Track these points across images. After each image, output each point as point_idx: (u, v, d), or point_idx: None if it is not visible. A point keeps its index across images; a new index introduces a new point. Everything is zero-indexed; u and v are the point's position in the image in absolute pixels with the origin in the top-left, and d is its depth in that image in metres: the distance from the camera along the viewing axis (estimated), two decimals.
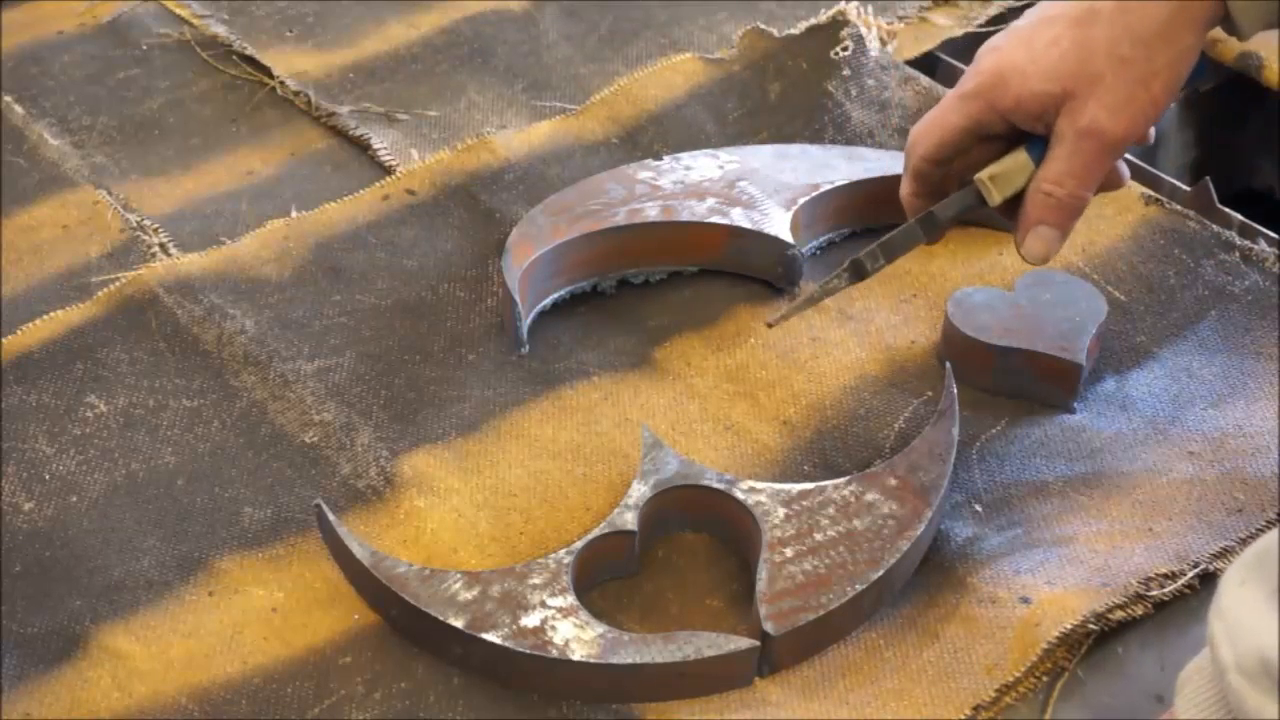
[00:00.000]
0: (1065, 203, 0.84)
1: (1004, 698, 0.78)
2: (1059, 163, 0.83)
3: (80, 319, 1.00)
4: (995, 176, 0.86)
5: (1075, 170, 0.83)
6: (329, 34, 1.29)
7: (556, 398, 0.95)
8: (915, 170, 0.89)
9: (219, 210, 1.11)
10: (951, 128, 0.86)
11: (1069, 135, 0.82)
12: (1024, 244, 0.85)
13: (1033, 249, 0.85)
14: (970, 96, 0.85)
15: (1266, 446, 0.90)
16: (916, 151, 0.88)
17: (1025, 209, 0.85)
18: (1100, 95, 0.81)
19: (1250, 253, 1.03)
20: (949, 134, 0.87)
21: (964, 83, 0.86)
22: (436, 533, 0.87)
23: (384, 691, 0.79)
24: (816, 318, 1.00)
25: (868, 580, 0.80)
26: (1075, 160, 0.82)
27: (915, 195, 0.90)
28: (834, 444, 0.92)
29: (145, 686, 0.80)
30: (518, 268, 0.98)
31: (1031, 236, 0.85)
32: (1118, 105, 0.81)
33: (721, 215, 1.02)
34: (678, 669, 0.78)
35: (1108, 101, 0.81)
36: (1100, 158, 0.82)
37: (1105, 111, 0.81)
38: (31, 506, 0.89)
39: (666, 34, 1.28)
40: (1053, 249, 0.85)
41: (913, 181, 0.90)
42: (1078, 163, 0.82)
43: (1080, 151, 0.82)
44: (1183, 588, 0.82)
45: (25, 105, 1.22)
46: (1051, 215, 0.84)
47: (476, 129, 1.17)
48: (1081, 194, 0.84)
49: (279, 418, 0.94)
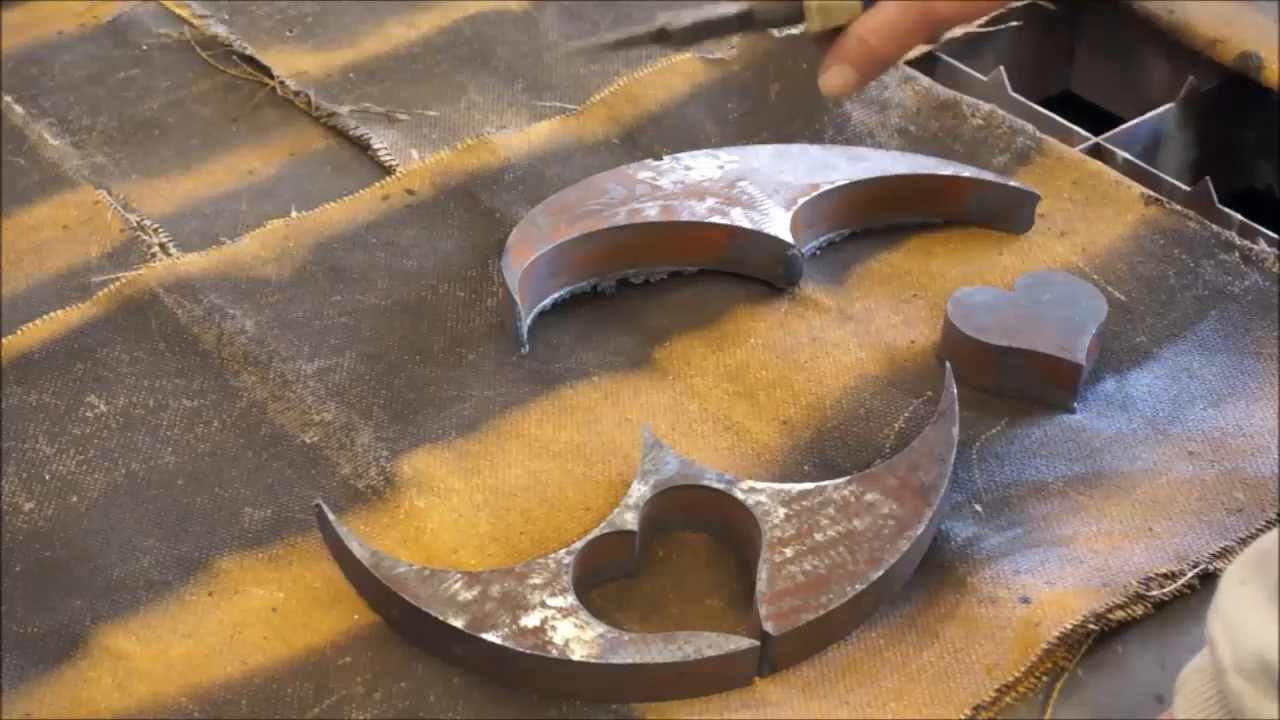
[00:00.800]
0: (874, 53, 0.87)
1: (1004, 698, 0.78)
2: (882, 16, 0.86)
3: (80, 319, 1.00)
4: (824, 8, 0.88)
5: (894, 28, 0.86)
6: (329, 34, 1.29)
7: (556, 398, 0.95)
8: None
9: (219, 210, 1.11)
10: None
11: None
12: (825, 74, 0.88)
13: (831, 82, 0.88)
14: None
15: (1266, 446, 0.90)
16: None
17: (839, 43, 0.88)
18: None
19: (1250, 253, 1.03)
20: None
21: None
22: (436, 533, 0.87)
23: (384, 691, 0.79)
24: (816, 318, 1.00)
25: (868, 580, 0.81)
26: (898, 19, 0.86)
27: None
28: (834, 444, 0.92)
29: (145, 686, 0.80)
30: (518, 268, 0.98)
31: (835, 70, 0.88)
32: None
33: (721, 215, 1.02)
34: (678, 669, 0.78)
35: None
36: (920, 26, 0.86)
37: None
38: (31, 506, 0.89)
39: None
40: (847, 90, 0.88)
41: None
42: (899, 21, 0.86)
43: (905, 13, 0.85)
44: (1183, 588, 0.82)
45: (25, 105, 1.22)
46: (859, 60, 0.87)
47: (476, 129, 1.17)
48: (891, 50, 0.87)
49: (279, 418, 0.94)
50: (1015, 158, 1.11)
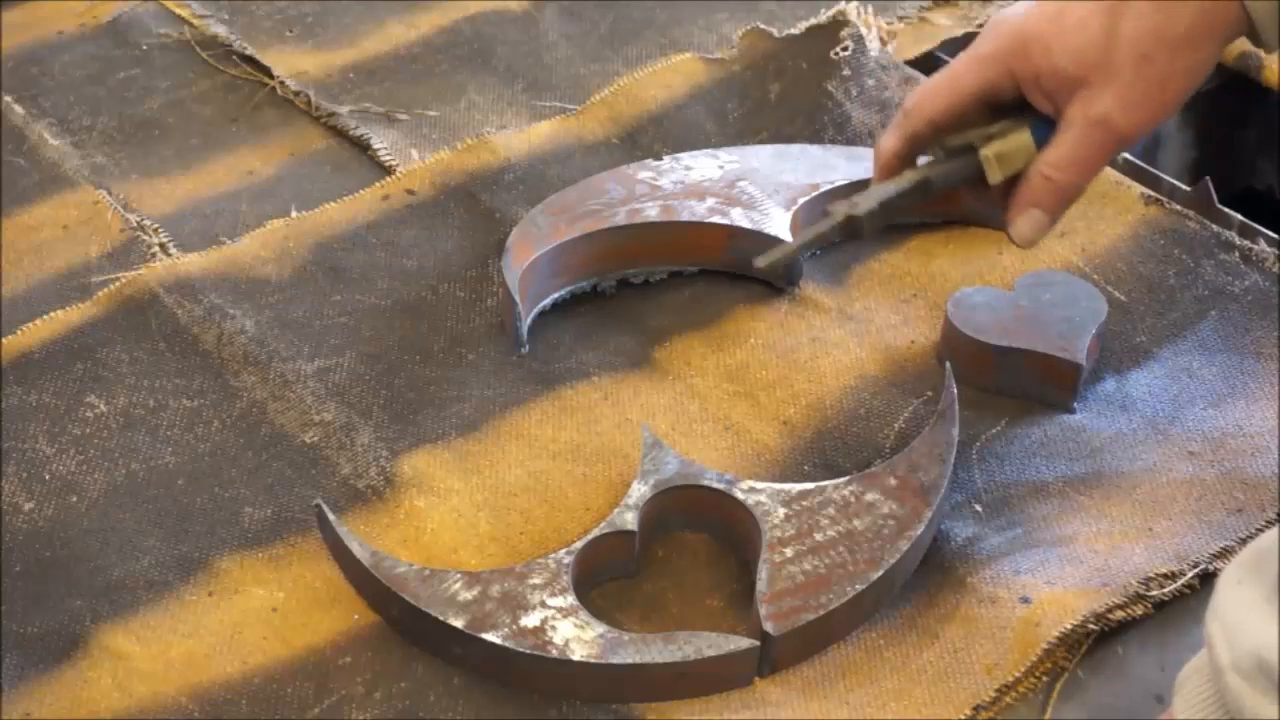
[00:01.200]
0: (1063, 189, 0.83)
1: (1004, 698, 0.78)
2: (1064, 148, 0.82)
3: (80, 319, 1.00)
4: (1001, 155, 0.84)
5: (1079, 158, 0.82)
6: (329, 34, 1.29)
7: (556, 398, 0.95)
8: (913, 132, 0.86)
9: (219, 210, 1.11)
10: (964, 91, 0.84)
11: (1079, 122, 0.81)
12: (1015, 224, 0.85)
13: (1023, 230, 0.85)
14: (988, 59, 0.84)
15: (1266, 446, 0.90)
16: (923, 113, 0.86)
17: (1022, 189, 0.84)
18: (1118, 89, 0.80)
19: (1250, 253, 1.03)
20: (960, 97, 0.85)
21: (979, 45, 0.84)
22: (436, 533, 0.87)
23: (384, 691, 0.79)
24: (816, 318, 1.00)
25: (868, 580, 0.80)
26: (1081, 148, 0.82)
27: (898, 156, 0.87)
28: (834, 444, 0.92)
29: (145, 686, 0.80)
30: (518, 268, 0.98)
31: (1024, 218, 0.84)
32: (1133, 102, 0.80)
33: (721, 215, 1.02)
34: (678, 669, 0.78)
35: (1124, 96, 0.80)
36: (1104, 150, 0.82)
37: (1119, 105, 0.80)
38: (31, 506, 0.89)
39: (666, 34, 1.28)
40: (1040, 233, 0.85)
41: (904, 142, 0.87)
42: (1083, 151, 0.82)
43: (1088, 141, 0.81)
44: (1183, 588, 0.82)
45: (25, 105, 1.22)
46: (1047, 199, 0.83)
47: (476, 129, 1.17)
48: (1079, 183, 0.83)
49: (279, 418, 0.94)
50: None
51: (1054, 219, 0.85)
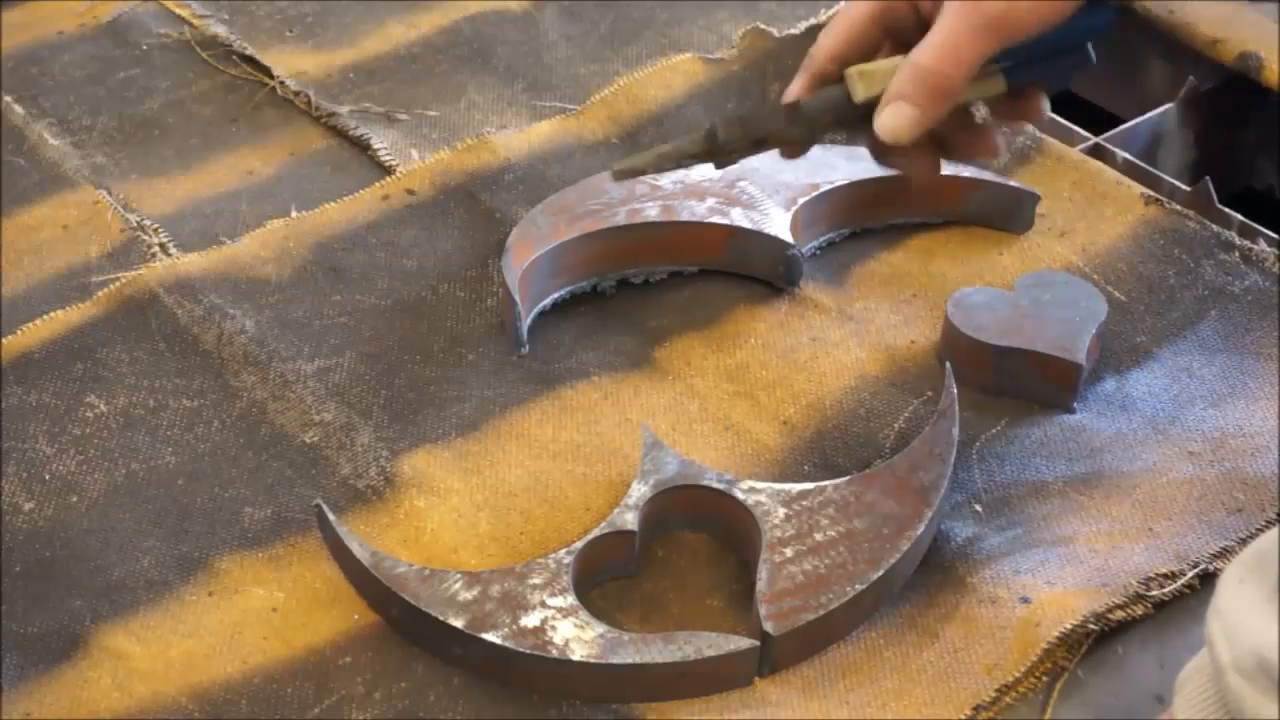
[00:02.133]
0: (930, 78, 0.78)
1: (1004, 698, 0.78)
2: (935, 35, 0.78)
3: (80, 319, 1.00)
4: (864, 72, 0.81)
5: (948, 43, 0.78)
6: (329, 34, 1.29)
7: (556, 398, 0.95)
8: (816, 71, 0.83)
9: (219, 210, 1.11)
10: (860, 16, 0.82)
11: (950, 8, 0.78)
12: (880, 116, 0.80)
13: (886, 122, 0.80)
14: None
15: (1266, 446, 0.90)
16: (820, 49, 0.83)
17: (891, 82, 0.80)
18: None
19: (1250, 253, 1.03)
20: (857, 24, 0.82)
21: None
22: (436, 533, 0.87)
23: (384, 691, 0.79)
24: (816, 318, 1.00)
25: (868, 580, 0.80)
26: (950, 34, 0.78)
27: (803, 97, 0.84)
28: (834, 444, 0.92)
29: (145, 686, 0.80)
30: (518, 268, 0.98)
31: (890, 110, 0.79)
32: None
33: (721, 215, 1.02)
34: (678, 669, 0.78)
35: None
36: (975, 35, 0.78)
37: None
38: (31, 506, 0.89)
39: (666, 34, 1.28)
40: (908, 129, 0.79)
41: (808, 83, 0.83)
42: (951, 36, 0.78)
43: (956, 26, 0.78)
44: (1183, 588, 0.82)
45: (25, 105, 1.22)
46: (914, 90, 0.79)
47: (476, 129, 1.17)
48: (950, 71, 0.78)
49: (279, 418, 0.94)
50: (1015, 158, 1.11)
51: (925, 116, 0.79)
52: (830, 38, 0.84)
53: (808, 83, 0.84)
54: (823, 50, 0.83)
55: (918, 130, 0.80)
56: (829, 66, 0.83)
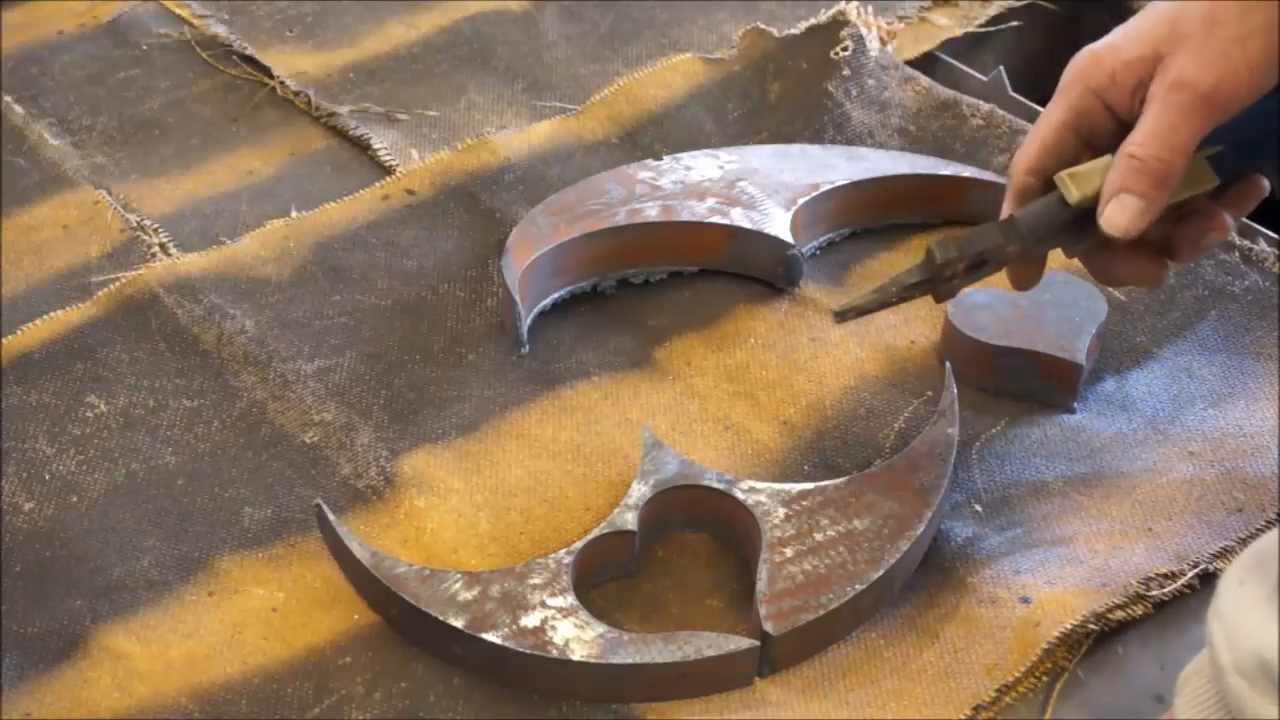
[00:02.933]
0: (1149, 165, 0.77)
1: (1004, 698, 0.78)
2: (1145, 123, 0.77)
3: (80, 319, 1.00)
4: (1075, 174, 0.80)
5: (1161, 128, 0.76)
6: (329, 34, 1.29)
7: (556, 398, 0.95)
8: (1017, 187, 0.82)
9: (219, 210, 1.11)
10: (1050, 126, 0.81)
11: (1157, 94, 0.77)
12: (1104, 213, 0.79)
13: (1113, 218, 0.78)
14: (1066, 87, 0.81)
15: (1266, 446, 0.90)
16: (1019, 165, 0.82)
17: (1108, 177, 0.79)
18: (1189, 50, 0.75)
19: (1250, 253, 1.03)
20: (1049, 133, 0.81)
21: (1061, 81, 0.81)
22: (436, 533, 0.87)
23: (384, 691, 0.79)
24: (816, 318, 1.00)
25: (868, 580, 0.81)
26: (1162, 118, 0.76)
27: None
28: (834, 444, 0.92)
29: (145, 686, 0.80)
30: (518, 268, 0.98)
31: (1113, 205, 0.78)
32: (1208, 60, 0.75)
33: (721, 215, 1.02)
34: (678, 669, 0.78)
35: (1197, 56, 0.75)
36: (1187, 115, 0.75)
37: (1194, 64, 0.75)
38: (31, 506, 0.89)
39: (666, 34, 1.28)
40: (1135, 221, 0.78)
41: (1013, 201, 0.83)
42: (1164, 121, 0.76)
43: (1167, 107, 0.76)
44: (1183, 588, 0.82)
45: (25, 105, 1.22)
46: (1134, 180, 0.77)
47: (476, 129, 1.17)
48: (1167, 156, 0.76)
49: (279, 418, 0.94)
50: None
51: (1149, 204, 0.77)
52: (1026, 150, 0.82)
53: (1012, 200, 0.83)
54: (1020, 166, 0.82)
55: (1145, 221, 0.78)
56: (1028, 180, 0.82)
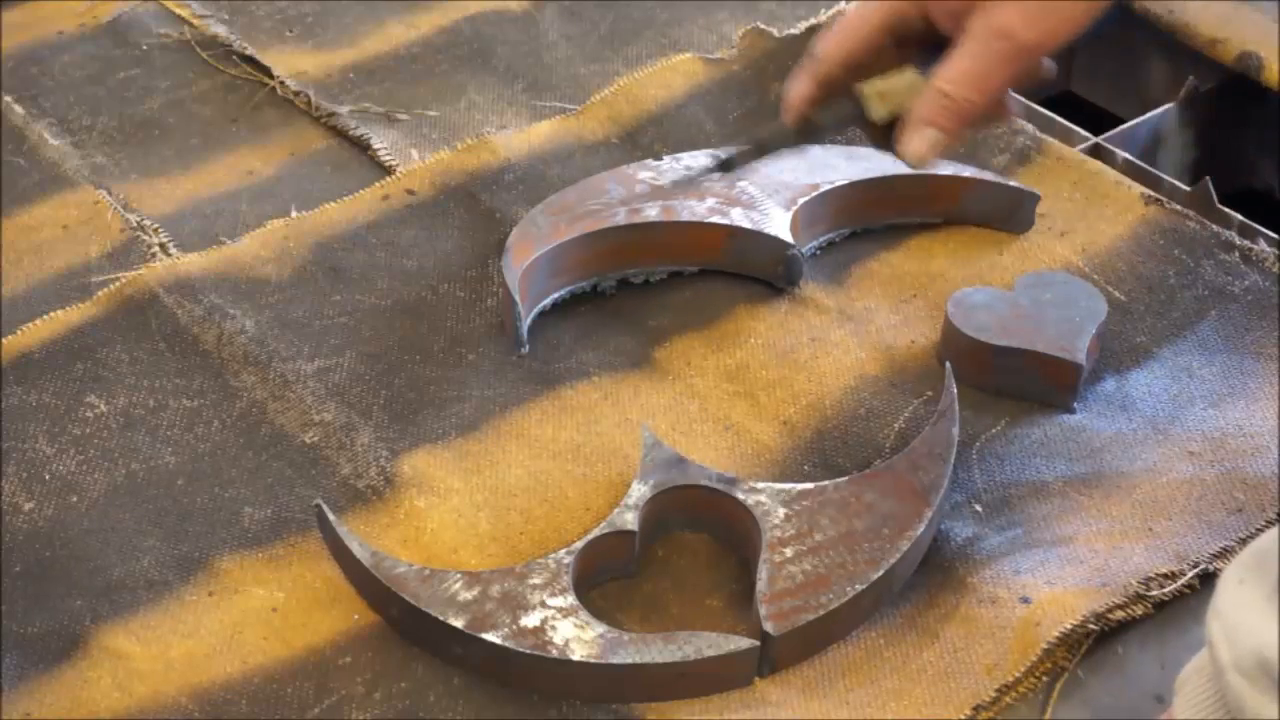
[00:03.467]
0: (958, 105, 0.79)
1: (1004, 698, 0.78)
2: (962, 60, 0.78)
3: (80, 319, 1.00)
4: (883, 92, 0.81)
5: (976, 70, 0.78)
6: (329, 34, 1.29)
7: (556, 398, 0.95)
8: (822, 75, 0.83)
9: (219, 210, 1.11)
10: (869, 26, 0.82)
11: (979, 33, 0.78)
12: (906, 141, 0.80)
13: (914, 147, 0.80)
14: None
15: (1266, 446, 0.90)
16: (828, 55, 0.83)
17: (916, 107, 0.80)
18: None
19: (1250, 253, 1.03)
20: (866, 33, 0.82)
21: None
22: (436, 533, 0.87)
23: (384, 691, 0.79)
24: (816, 318, 1.00)
25: (868, 580, 0.81)
26: (979, 61, 0.78)
27: (806, 101, 0.84)
28: (834, 444, 0.92)
29: (145, 686, 0.80)
30: (518, 268, 0.98)
31: (916, 135, 0.80)
32: (1034, 12, 0.76)
33: (721, 215, 1.02)
34: (678, 669, 0.78)
35: (1024, 7, 0.76)
36: (1005, 63, 0.78)
37: (1020, 16, 0.77)
38: (31, 506, 0.89)
39: (666, 34, 1.28)
40: (933, 153, 0.80)
41: (814, 87, 0.83)
42: (981, 63, 0.78)
43: (987, 52, 0.77)
44: (1183, 588, 0.82)
45: (25, 105, 1.22)
46: (941, 116, 0.79)
47: (476, 129, 1.17)
48: (977, 98, 0.79)
49: (279, 418, 0.94)
50: (1015, 158, 1.11)
51: (950, 138, 0.80)
52: (836, 41, 0.83)
53: (813, 86, 0.84)
54: (831, 56, 0.83)
55: (939, 151, 0.80)
56: (835, 71, 0.83)
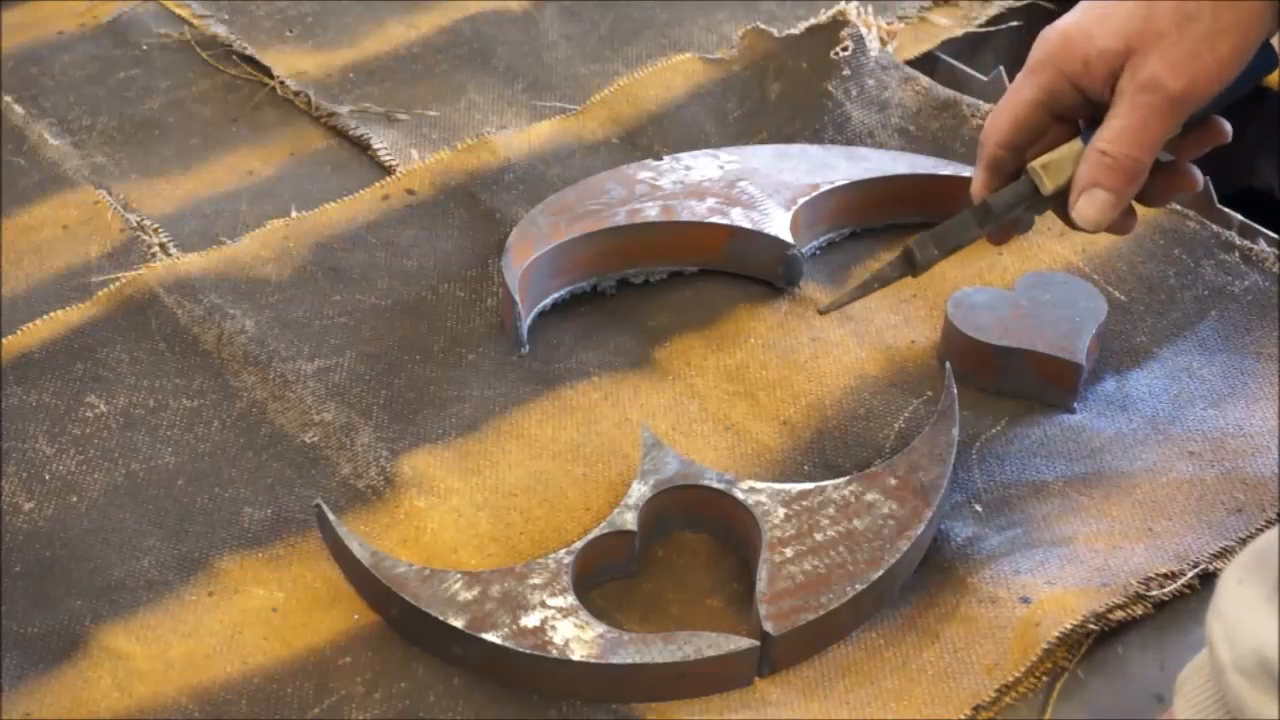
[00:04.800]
0: (1120, 162, 0.80)
1: (1004, 698, 0.78)
2: (1116, 120, 0.79)
3: (80, 319, 1.00)
4: (1048, 164, 0.83)
5: (1132, 127, 0.79)
6: (329, 34, 1.29)
7: (556, 398, 0.95)
8: (989, 159, 0.85)
9: (219, 210, 1.11)
10: (1023, 103, 0.83)
11: (1128, 91, 0.79)
12: (1075, 205, 0.82)
13: (1084, 211, 0.81)
14: (1038, 67, 0.83)
15: (1266, 446, 0.90)
16: (990, 138, 0.85)
17: (1079, 170, 0.81)
18: (1162, 50, 0.77)
19: (1250, 253, 1.03)
20: (1021, 110, 0.83)
21: (1030, 57, 0.83)
22: (436, 533, 0.87)
23: (384, 691, 0.79)
24: (816, 318, 1.00)
25: (868, 580, 0.80)
26: (1133, 117, 0.79)
27: (986, 188, 0.87)
28: (834, 444, 0.92)
29: (145, 686, 0.80)
30: (518, 268, 0.98)
31: (1084, 199, 0.81)
32: (1179, 61, 0.77)
33: (721, 215, 1.02)
34: (678, 669, 0.78)
35: (1169, 57, 0.77)
36: (1159, 115, 0.79)
37: (1165, 66, 0.77)
38: (31, 506, 0.89)
39: (666, 34, 1.28)
40: (1105, 214, 0.81)
41: (986, 173, 0.86)
42: (1135, 119, 0.79)
43: (1138, 107, 0.78)
44: (1183, 588, 0.82)
45: (25, 105, 1.22)
46: (1105, 176, 0.80)
47: (476, 129, 1.17)
48: (1137, 154, 0.79)
49: (279, 418, 0.94)
50: None
51: (1118, 198, 0.81)
52: (998, 124, 0.85)
53: (984, 173, 0.86)
54: (992, 138, 0.85)
55: (1114, 213, 0.81)
56: (1000, 153, 0.85)
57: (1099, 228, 0.82)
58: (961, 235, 0.86)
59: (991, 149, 0.85)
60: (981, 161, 0.86)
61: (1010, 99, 0.84)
